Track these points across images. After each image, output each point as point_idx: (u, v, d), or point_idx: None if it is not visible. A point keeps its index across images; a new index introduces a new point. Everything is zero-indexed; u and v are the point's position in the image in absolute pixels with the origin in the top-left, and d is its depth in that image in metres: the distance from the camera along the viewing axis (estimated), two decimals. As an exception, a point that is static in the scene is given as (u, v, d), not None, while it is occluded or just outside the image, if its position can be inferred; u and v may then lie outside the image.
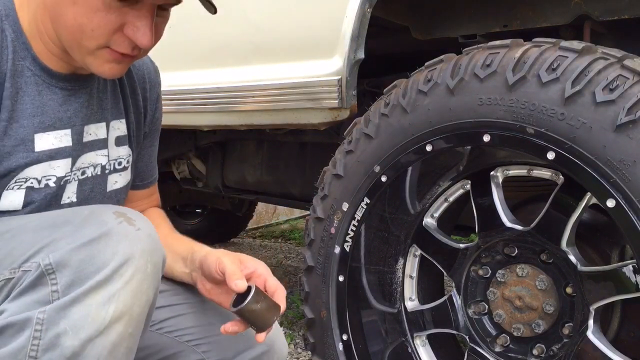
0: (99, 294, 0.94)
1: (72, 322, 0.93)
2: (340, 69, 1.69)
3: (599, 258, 1.40)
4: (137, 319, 0.99)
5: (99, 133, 1.24)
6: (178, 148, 2.78)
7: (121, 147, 1.30)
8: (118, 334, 0.96)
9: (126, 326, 0.97)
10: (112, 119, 1.27)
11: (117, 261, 0.96)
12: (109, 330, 0.95)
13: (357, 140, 1.54)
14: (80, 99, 1.20)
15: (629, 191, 1.15)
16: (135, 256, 0.98)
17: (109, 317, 0.94)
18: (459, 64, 1.38)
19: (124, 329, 0.97)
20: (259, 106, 1.94)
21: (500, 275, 1.44)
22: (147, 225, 1.04)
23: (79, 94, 1.20)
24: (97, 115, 1.24)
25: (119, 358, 0.97)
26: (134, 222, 1.02)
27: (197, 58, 2.13)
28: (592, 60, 1.23)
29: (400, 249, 1.56)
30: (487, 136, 1.32)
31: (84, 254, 0.96)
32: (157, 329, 1.30)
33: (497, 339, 1.46)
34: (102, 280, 0.95)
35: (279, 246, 4.68)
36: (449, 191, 1.51)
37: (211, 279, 1.26)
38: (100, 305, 0.94)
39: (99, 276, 0.95)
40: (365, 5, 1.62)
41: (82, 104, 1.20)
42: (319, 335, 1.60)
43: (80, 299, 0.94)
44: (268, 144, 2.63)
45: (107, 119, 1.26)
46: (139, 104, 1.34)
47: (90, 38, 1.07)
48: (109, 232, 0.98)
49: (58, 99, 1.16)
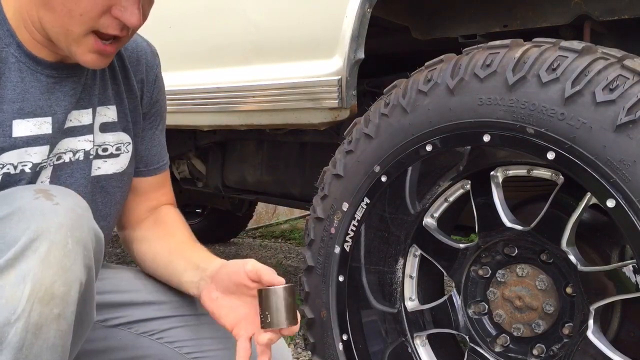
0: (11, 273, 0.88)
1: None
2: (340, 69, 1.69)
3: (599, 258, 1.40)
4: (62, 299, 0.91)
5: (83, 119, 1.23)
6: (178, 148, 2.77)
7: (108, 133, 1.28)
8: (40, 315, 0.89)
9: (49, 306, 0.89)
10: (99, 105, 1.26)
11: (27, 236, 0.89)
12: (28, 311, 0.88)
13: (357, 140, 1.54)
14: (66, 87, 1.19)
15: (629, 191, 1.15)
16: (51, 231, 0.90)
17: (25, 298, 0.88)
18: (459, 64, 1.38)
19: (48, 310, 0.89)
20: (259, 106, 1.94)
21: (500, 275, 1.44)
22: (69, 200, 0.97)
23: (65, 82, 1.19)
24: (83, 102, 1.22)
25: (50, 342, 0.91)
26: (53, 197, 0.96)
27: (197, 58, 2.13)
28: (592, 60, 1.23)
29: (400, 249, 1.56)
30: (487, 136, 1.32)
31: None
32: (157, 338, 1.29)
33: (497, 339, 1.46)
34: (12, 258, 0.88)
35: (279, 246, 4.68)
36: (449, 191, 1.51)
37: (227, 285, 1.20)
38: (15, 285, 0.88)
39: (9, 254, 0.88)
40: (365, 5, 1.62)
41: (67, 92, 1.19)
42: (319, 335, 1.60)
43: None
44: (268, 144, 2.63)
45: (94, 105, 1.25)
46: (133, 88, 1.33)
47: (79, 23, 1.07)
48: (21, 207, 0.92)
49: (41, 87, 1.15)
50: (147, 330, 1.30)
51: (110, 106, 1.29)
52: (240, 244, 4.68)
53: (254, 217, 4.80)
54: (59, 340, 0.92)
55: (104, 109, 1.27)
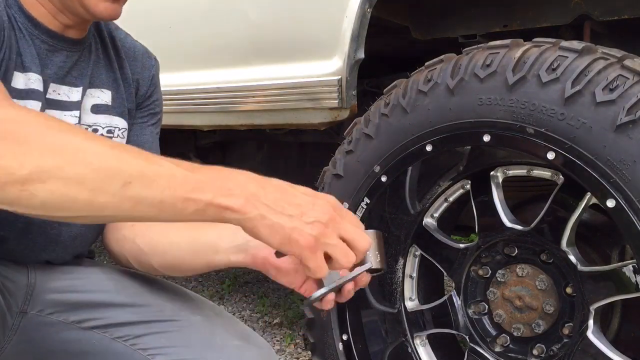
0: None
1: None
2: (340, 69, 1.69)
3: (599, 258, 1.40)
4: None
5: (72, 96, 1.23)
6: (178, 148, 2.77)
7: (100, 115, 1.28)
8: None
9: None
10: (91, 87, 1.26)
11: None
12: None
13: (357, 140, 1.54)
14: (56, 59, 1.19)
15: (629, 191, 1.15)
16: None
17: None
18: (459, 64, 1.38)
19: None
20: (259, 106, 1.94)
21: (500, 275, 1.44)
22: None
23: (57, 53, 1.20)
24: (70, 78, 1.23)
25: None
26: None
27: (197, 58, 2.13)
28: (592, 60, 1.23)
29: (400, 249, 1.56)
30: (487, 136, 1.32)
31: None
32: (131, 344, 1.23)
33: (497, 339, 1.46)
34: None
35: (279, 246, 4.67)
36: (449, 191, 1.51)
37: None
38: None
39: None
40: (365, 5, 1.62)
41: (56, 63, 1.20)
42: (319, 335, 1.60)
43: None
44: (268, 144, 2.63)
45: (84, 85, 1.25)
46: (128, 78, 1.34)
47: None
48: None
49: (32, 50, 1.16)
50: (121, 335, 1.24)
51: (105, 90, 1.29)
52: (240, 244, 4.67)
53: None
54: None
55: (97, 91, 1.28)
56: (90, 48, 1.27)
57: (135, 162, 0.83)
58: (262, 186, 0.89)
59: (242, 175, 0.90)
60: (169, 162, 0.85)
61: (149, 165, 0.83)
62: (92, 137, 0.92)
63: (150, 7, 2.23)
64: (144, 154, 0.86)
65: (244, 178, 0.89)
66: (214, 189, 0.85)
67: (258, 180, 0.90)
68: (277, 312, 2.93)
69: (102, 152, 0.82)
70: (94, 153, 0.81)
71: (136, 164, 0.82)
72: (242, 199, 0.86)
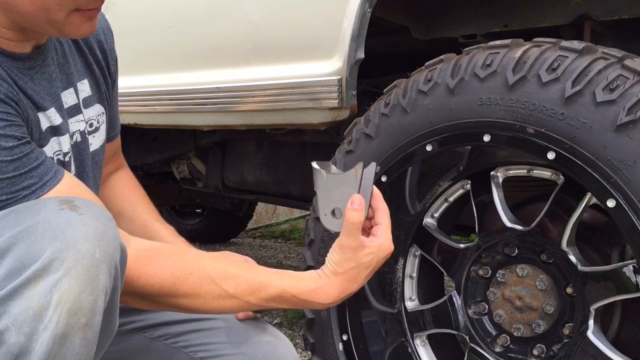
0: (39, 284, 0.87)
1: (13, 318, 0.87)
2: (340, 69, 1.69)
3: (599, 258, 1.40)
4: (90, 308, 0.90)
5: (70, 100, 1.23)
6: (178, 148, 2.77)
7: (89, 108, 1.28)
8: (67, 325, 0.88)
9: (77, 316, 0.89)
10: (77, 82, 1.25)
11: (55, 247, 0.89)
12: (55, 322, 0.87)
13: (357, 140, 1.54)
14: (46, 73, 1.18)
15: (629, 191, 1.15)
16: (78, 240, 0.90)
17: (52, 308, 0.87)
18: (459, 64, 1.38)
19: (75, 320, 0.89)
20: (259, 106, 1.94)
21: (501, 275, 1.44)
22: (93, 210, 0.97)
23: (44, 68, 1.17)
24: (63, 82, 1.22)
25: (75, 350, 0.90)
26: (77, 208, 0.95)
27: (197, 58, 2.13)
28: (592, 60, 1.23)
29: (400, 249, 1.56)
30: (487, 136, 1.32)
31: (20, 242, 0.89)
32: (171, 342, 1.29)
33: (497, 339, 1.46)
34: (40, 269, 0.88)
35: (279, 246, 4.68)
36: (449, 191, 1.51)
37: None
38: (42, 296, 0.87)
39: (36, 265, 0.88)
40: (365, 5, 1.62)
41: (49, 77, 1.18)
42: (319, 335, 1.60)
43: (19, 291, 0.87)
44: (268, 144, 2.63)
45: (73, 83, 1.24)
46: (99, 58, 1.32)
47: (58, 11, 1.04)
48: (46, 219, 0.91)
49: (29, 81, 1.14)
50: (161, 335, 1.30)
51: (84, 80, 1.28)
52: (240, 244, 4.68)
53: (254, 217, 4.80)
54: (84, 349, 0.91)
55: (81, 85, 1.27)
56: (56, 42, 1.23)
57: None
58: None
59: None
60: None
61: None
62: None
63: (150, 7, 2.23)
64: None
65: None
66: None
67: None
68: (277, 312, 2.93)
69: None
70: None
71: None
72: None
